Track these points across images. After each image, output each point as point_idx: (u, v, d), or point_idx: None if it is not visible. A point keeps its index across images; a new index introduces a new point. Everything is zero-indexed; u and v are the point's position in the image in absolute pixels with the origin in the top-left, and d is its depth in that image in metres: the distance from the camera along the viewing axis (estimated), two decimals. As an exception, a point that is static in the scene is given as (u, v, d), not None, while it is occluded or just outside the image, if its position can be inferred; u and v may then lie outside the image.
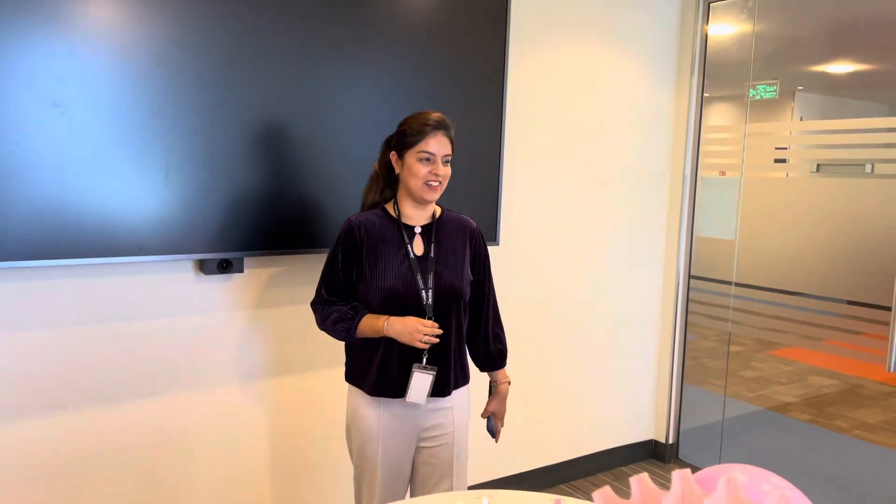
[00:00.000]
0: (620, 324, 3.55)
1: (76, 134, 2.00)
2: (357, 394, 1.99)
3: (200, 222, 2.22)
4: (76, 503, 2.22)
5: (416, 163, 1.89)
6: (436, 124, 1.89)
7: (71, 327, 2.15)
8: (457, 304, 1.98)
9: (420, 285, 1.92)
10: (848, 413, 4.61)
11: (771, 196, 3.31)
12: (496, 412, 2.14)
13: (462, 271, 2.00)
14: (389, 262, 1.92)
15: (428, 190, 1.90)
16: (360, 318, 1.91)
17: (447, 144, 1.92)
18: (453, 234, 2.02)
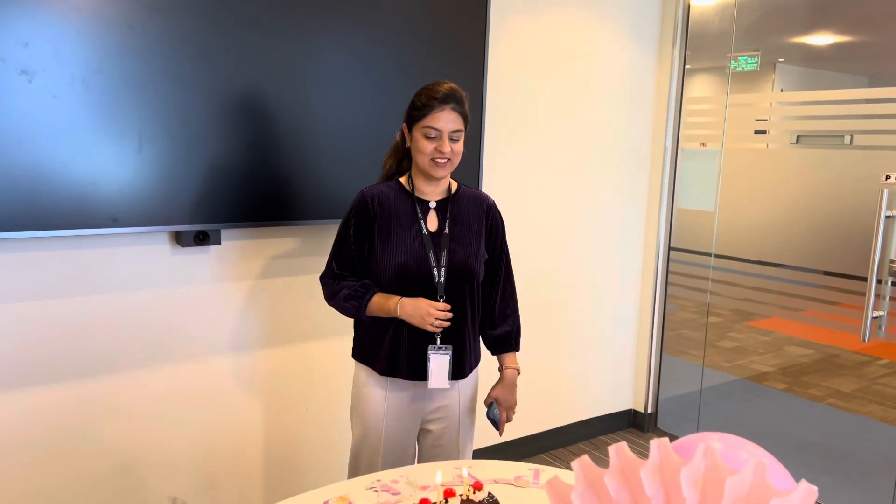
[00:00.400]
0: (600, 295, 3.56)
1: (45, 103, 1.94)
2: (364, 372, 1.94)
3: (176, 194, 2.18)
4: (52, 478, 2.21)
5: (421, 138, 1.81)
6: (444, 97, 1.78)
7: (45, 300, 2.12)
8: (470, 282, 1.91)
9: (432, 262, 1.85)
10: (822, 382, 4.69)
11: (751, 167, 3.32)
12: (500, 400, 2.02)
13: (477, 249, 1.92)
14: (402, 238, 1.85)
15: (434, 167, 1.82)
16: (370, 296, 1.85)
17: (456, 120, 1.81)
18: (469, 211, 1.94)
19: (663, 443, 0.83)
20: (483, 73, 2.77)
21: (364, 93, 2.48)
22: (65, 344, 2.17)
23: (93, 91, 2.01)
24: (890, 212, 2.76)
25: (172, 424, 2.40)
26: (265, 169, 2.32)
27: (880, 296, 2.82)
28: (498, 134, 3.02)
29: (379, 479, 1.62)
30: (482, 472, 1.68)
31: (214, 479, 2.51)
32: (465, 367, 1.93)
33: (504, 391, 2.02)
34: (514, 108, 3.06)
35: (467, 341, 1.92)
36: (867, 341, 2.84)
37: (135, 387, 2.31)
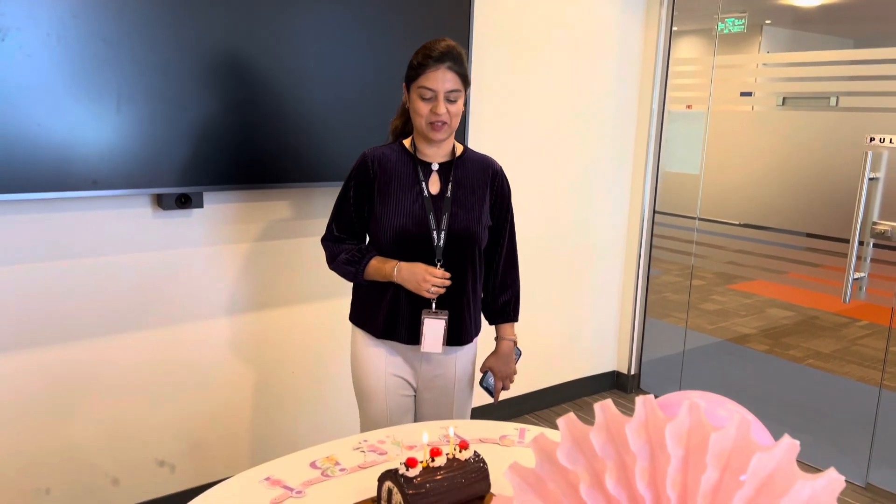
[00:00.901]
0: (585, 258, 3.57)
1: (19, 61, 1.89)
2: (361, 335, 1.92)
3: (157, 155, 2.14)
4: (36, 444, 2.20)
5: (417, 99, 1.75)
6: (439, 56, 1.71)
7: (23, 264, 2.09)
8: (471, 248, 1.86)
9: (432, 225, 1.81)
10: (803, 343, 4.77)
11: (736, 130, 3.32)
12: (494, 370, 2.01)
13: (479, 214, 1.87)
14: (402, 200, 1.81)
15: (431, 129, 1.76)
16: (367, 260, 1.82)
17: (453, 80, 1.73)
18: (474, 175, 1.88)
19: (648, 400, 0.84)
20: (469, 35, 2.72)
21: (350, 54, 2.44)
22: (46, 309, 2.15)
23: (68, 49, 1.95)
24: (873, 173, 2.77)
25: (157, 388, 2.40)
26: (249, 131, 2.29)
27: (861, 257, 2.85)
28: (484, 98, 2.99)
29: (365, 440, 1.63)
30: (468, 432, 1.70)
31: (202, 442, 2.52)
32: (464, 335, 1.90)
33: (499, 361, 2.01)
34: (499, 71, 3.02)
35: (467, 308, 1.89)
36: (847, 302, 2.88)
37: (118, 351, 2.30)
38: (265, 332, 2.59)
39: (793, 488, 0.75)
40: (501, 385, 2.02)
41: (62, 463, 2.25)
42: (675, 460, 0.81)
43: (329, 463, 1.51)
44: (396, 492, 1.29)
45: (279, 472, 1.47)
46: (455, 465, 1.35)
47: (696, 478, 0.80)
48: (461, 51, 1.76)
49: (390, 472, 1.31)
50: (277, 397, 2.67)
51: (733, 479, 0.78)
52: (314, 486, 1.42)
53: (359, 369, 1.94)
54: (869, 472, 3.00)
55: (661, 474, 0.81)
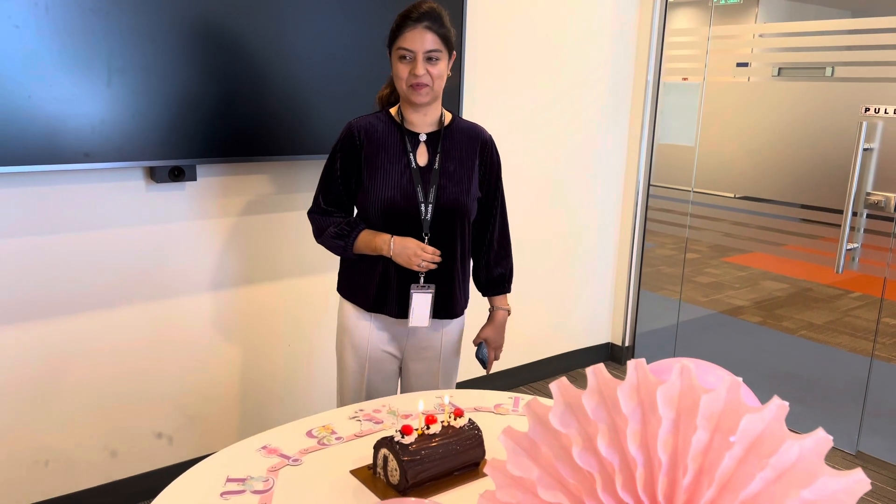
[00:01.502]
0: (580, 231, 3.58)
1: (7, 32, 1.86)
2: (350, 307, 1.90)
3: (149, 128, 2.12)
4: (31, 420, 2.21)
5: (396, 62, 1.71)
6: (417, 16, 1.66)
7: (15, 238, 2.08)
8: (460, 220, 1.83)
9: (420, 198, 1.77)
10: (796, 315, 4.81)
11: (732, 101, 3.31)
12: (489, 340, 2.00)
13: (469, 186, 1.83)
14: (389, 172, 1.77)
15: (412, 92, 1.71)
16: (356, 234, 1.79)
17: (433, 40, 1.67)
18: (463, 145, 1.84)
19: (640, 363, 0.84)
20: (462, 6, 2.69)
21: (342, 23, 2.41)
22: (40, 283, 2.14)
23: (57, 20, 1.93)
24: (868, 144, 2.77)
25: (152, 362, 2.40)
26: (242, 103, 2.27)
27: (855, 228, 2.86)
28: (478, 70, 2.96)
29: (361, 409, 1.64)
30: (463, 401, 1.71)
31: (199, 414, 2.53)
32: (453, 307, 1.89)
33: (494, 332, 1.99)
34: (494, 43, 2.99)
35: (456, 280, 1.87)
36: (840, 273, 2.89)
37: (114, 325, 2.30)
38: (260, 306, 2.60)
39: (781, 448, 0.76)
40: (493, 355, 2.01)
41: (60, 436, 2.27)
42: (666, 422, 0.82)
43: (325, 432, 1.53)
44: (392, 458, 1.30)
45: (276, 441, 1.48)
46: (450, 432, 1.36)
47: (687, 439, 0.81)
48: (442, 12, 1.71)
49: (386, 440, 1.32)
50: (273, 369, 2.68)
51: (723, 440, 0.79)
52: (311, 455, 1.43)
53: (344, 341, 1.92)
54: (860, 441, 3.04)
55: (652, 436, 0.83)
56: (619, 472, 0.84)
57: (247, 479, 1.34)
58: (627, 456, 0.84)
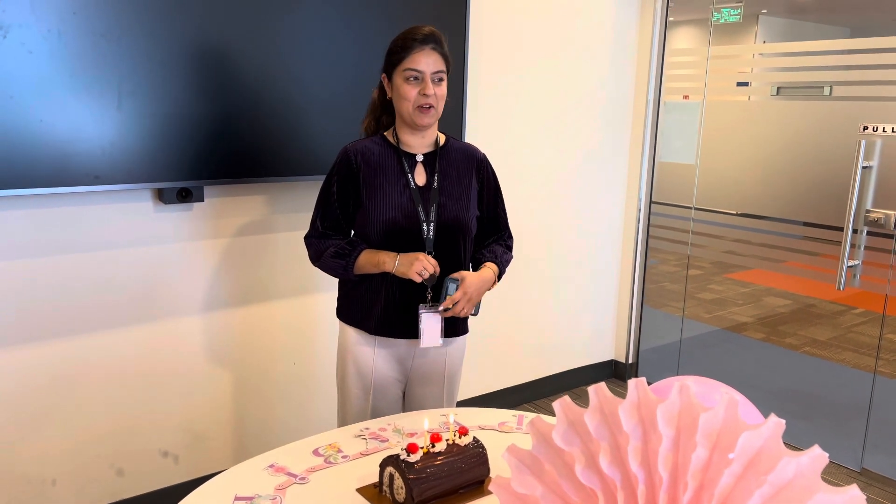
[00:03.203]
0: (583, 248, 3.60)
1: (21, 58, 1.91)
2: (352, 331, 1.88)
3: (158, 150, 2.16)
4: (39, 441, 2.23)
5: (403, 83, 1.72)
6: (423, 38, 1.70)
7: (26, 259, 2.11)
8: (462, 237, 1.84)
9: (422, 217, 1.78)
10: (799, 331, 4.81)
11: (732, 120, 3.34)
12: (466, 282, 1.77)
13: (468, 203, 1.85)
14: (389, 193, 1.77)
15: (419, 114, 1.74)
16: (357, 253, 1.78)
17: (438, 60, 1.72)
18: (459, 164, 1.87)
19: (640, 382, 0.87)
20: (465, 26, 2.74)
21: (346, 47, 2.45)
22: (49, 303, 2.17)
23: (69, 45, 1.97)
24: (867, 162, 2.80)
25: (159, 381, 2.42)
26: (249, 125, 2.31)
27: (855, 245, 2.88)
28: (479, 88, 3.00)
29: (367, 428, 1.66)
30: (468, 420, 1.73)
31: (205, 433, 2.55)
32: (458, 325, 1.90)
33: (475, 278, 1.80)
34: (495, 63, 3.04)
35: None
36: (842, 289, 2.91)
37: (121, 345, 2.32)
38: (267, 324, 2.62)
39: (779, 465, 0.78)
40: (459, 299, 1.77)
41: (67, 454, 2.29)
42: (666, 440, 0.84)
43: (332, 450, 1.55)
44: (398, 476, 1.32)
45: (283, 460, 1.50)
46: (455, 450, 1.38)
47: (687, 456, 0.83)
48: (441, 35, 1.75)
49: (392, 458, 1.34)
50: (279, 389, 2.70)
51: (722, 458, 0.81)
52: (317, 473, 1.45)
53: (347, 368, 1.90)
54: (864, 457, 3.04)
55: (653, 453, 0.85)
56: (621, 489, 0.86)
57: (255, 497, 1.35)
58: (629, 473, 0.86)
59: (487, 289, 1.85)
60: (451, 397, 1.99)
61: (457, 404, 2.08)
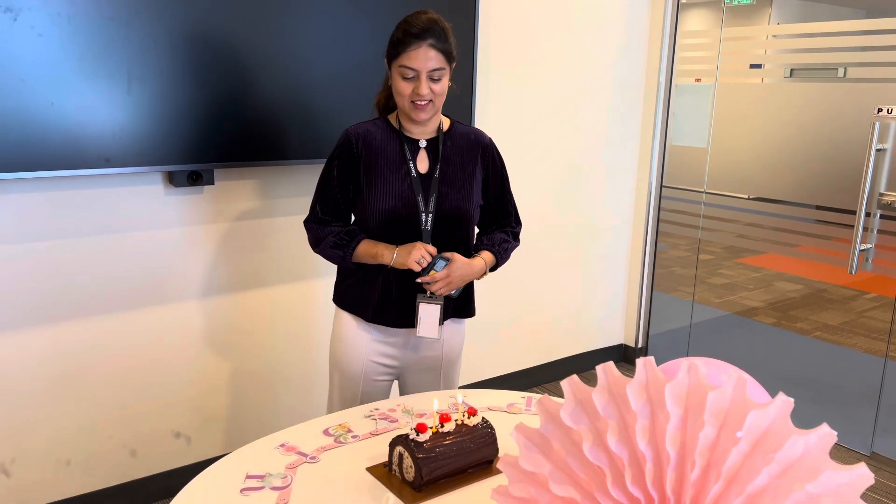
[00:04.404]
0: (593, 233, 3.59)
1: (31, 41, 1.91)
2: (349, 318, 1.85)
3: (168, 133, 2.17)
4: (52, 421, 2.26)
5: (398, 79, 1.67)
6: (420, 32, 1.61)
7: (37, 241, 2.13)
8: (463, 227, 1.80)
9: (421, 207, 1.74)
10: (811, 316, 4.79)
11: (744, 102, 3.31)
12: (455, 264, 1.73)
13: (470, 192, 1.79)
14: (389, 180, 1.73)
15: (414, 110, 1.68)
16: (356, 244, 1.75)
17: (436, 58, 1.64)
18: (463, 151, 1.81)
19: (649, 361, 0.87)
20: (475, 7, 2.72)
21: (356, 28, 2.44)
22: (61, 286, 2.19)
23: (79, 29, 1.97)
24: (881, 144, 2.77)
25: (171, 363, 2.45)
26: (260, 108, 2.31)
27: (868, 229, 2.85)
28: (490, 71, 2.99)
29: (377, 408, 1.67)
30: (476, 401, 1.74)
31: (215, 414, 2.57)
32: (467, 306, 1.87)
33: (464, 263, 1.75)
34: (506, 44, 3.02)
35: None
36: (854, 273, 2.89)
37: (132, 326, 2.34)
38: (277, 307, 2.63)
39: (786, 443, 0.78)
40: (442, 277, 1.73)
41: (81, 435, 2.31)
42: (674, 418, 0.84)
43: (342, 430, 1.56)
44: (407, 456, 1.33)
45: (294, 440, 1.51)
46: (463, 430, 1.39)
47: (695, 435, 0.83)
48: (445, 25, 1.67)
49: (401, 438, 1.35)
50: (290, 370, 2.72)
51: (730, 436, 0.81)
52: (328, 452, 1.46)
53: (340, 352, 1.87)
54: (874, 442, 3.03)
55: (660, 432, 0.85)
56: (628, 467, 0.87)
57: (266, 475, 1.37)
58: (637, 451, 0.86)
59: (475, 277, 1.81)
60: (449, 385, 1.95)
61: (464, 388, 2.07)
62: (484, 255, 1.83)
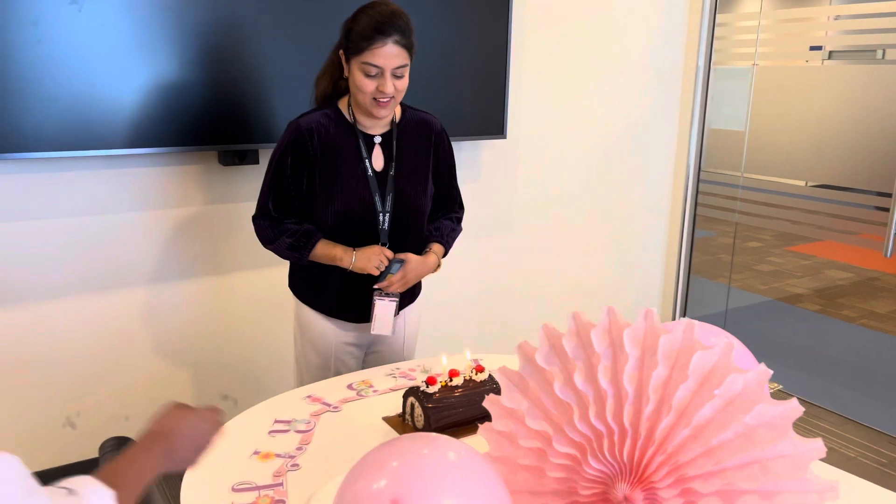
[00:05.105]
0: (630, 216, 3.64)
1: (94, 30, 2.10)
2: (307, 309, 1.86)
3: (216, 115, 2.34)
4: (125, 375, 2.47)
5: (360, 75, 1.60)
6: (385, 29, 1.56)
7: (100, 215, 2.33)
8: (418, 224, 1.81)
9: (378, 208, 1.72)
10: (858, 304, 4.72)
11: (784, 85, 3.30)
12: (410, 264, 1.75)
13: (426, 185, 1.79)
14: (346, 181, 1.69)
15: (376, 106, 1.63)
16: (312, 245, 1.73)
17: (400, 54, 1.59)
18: (416, 141, 1.78)
19: (612, 309, 0.97)
20: (510, -7, 2.80)
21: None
22: (126, 255, 2.39)
23: (137, 17, 2.15)
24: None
25: (225, 329, 2.63)
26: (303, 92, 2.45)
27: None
28: (525, 54, 3.07)
29: (398, 368, 1.80)
30: (489, 364, 1.85)
31: (261, 379, 2.75)
32: (413, 293, 1.92)
33: (419, 263, 1.78)
34: (541, 26, 3.09)
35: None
36: (889, 257, 2.86)
37: (185, 297, 2.53)
38: (318, 280, 2.78)
39: (727, 380, 0.88)
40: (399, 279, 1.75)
41: (139, 393, 2.52)
42: (631, 359, 0.94)
43: (364, 385, 1.70)
44: (418, 406, 1.46)
45: (320, 392, 1.66)
46: (471, 385, 1.51)
47: (649, 374, 0.93)
48: (407, 18, 1.62)
49: (413, 390, 1.48)
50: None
51: (680, 374, 0.91)
52: (349, 403, 1.60)
53: (307, 341, 1.89)
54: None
55: (620, 372, 0.95)
56: (593, 403, 0.97)
57: (292, 421, 1.52)
58: (600, 389, 0.97)
59: (429, 272, 1.84)
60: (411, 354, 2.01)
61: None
62: (435, 248, 1.84)
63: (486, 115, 2.84)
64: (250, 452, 1.39)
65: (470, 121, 2.82)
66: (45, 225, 2.26)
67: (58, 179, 2.25)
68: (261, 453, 1.39)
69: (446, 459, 0.89)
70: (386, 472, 0.87)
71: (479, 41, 2.76)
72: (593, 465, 0.96)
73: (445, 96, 2.72)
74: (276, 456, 1.38)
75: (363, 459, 0.93)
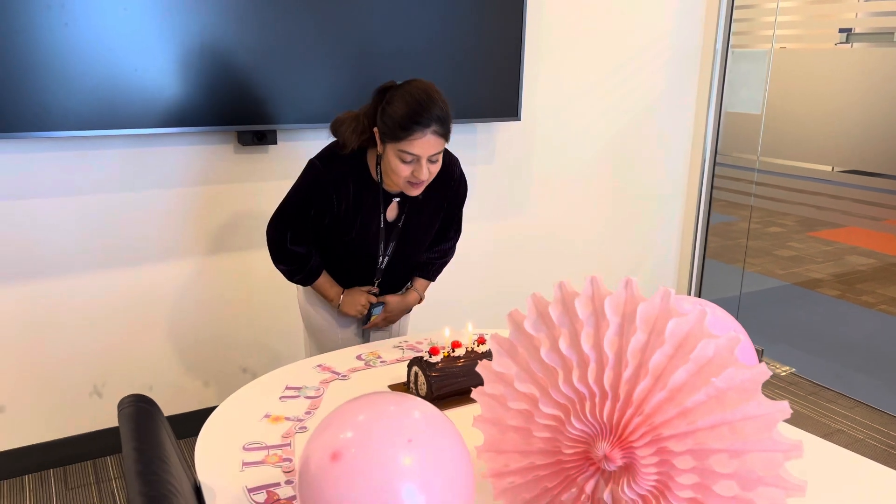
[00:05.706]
0: (645, 198, 3.66)
1: (118, 15, 2.18)
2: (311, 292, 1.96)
3: (237, 96, 2.41)
4: (146, 348, 2.58)
5: (396, 160, 1.62)
6: (426, 121, 1.56)
7: (123, 192, 2.42)
8: (413, 262, 1.95)
9: (380, 251, 1.85)
10: (878, 289, 4.69)
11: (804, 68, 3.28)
12: (390, 306, 1.95)
13: (432, 232, 1.91)
14: (360, 230, 1.79)
15: (410, 188, 1.67)
16: (312, 280, 1.87)
17: (437, 143, 1.60)
18: (433, 191, 1.81)
19: (595, 279, 1.02)
20: (525, -24, 2.82)
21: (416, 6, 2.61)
22: (149, 231, 2.49)
23: (158, 2, 2.23)
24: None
25: (242, 305, 2.72)
26: (321, 74, 2.52)
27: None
28: (541, 37, 3.09)
29: (406, 340, 1.87)
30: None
31: (279, 353, 2.85)
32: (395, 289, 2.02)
33: (399, 303, 1.96)
34: (556, 10, 3.11)
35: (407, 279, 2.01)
36: (902, 241, 2.85)
37: (205, 273, 2.62)
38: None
39: (699, 345, 0.93)
40: (381, 318, 1.97)
41: (163, 367, 2.63)
42: (612, 326, 0.99)
43: (372, 356, 1.77)
44: (421, 374, 1.52)
45: (330, 361, 1.73)
46: (472, 355, 1.57)
47: (628, 340, 0.98)
48: (444, 100, 1.61)
49: (417, 359, 1.54)
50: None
51: (657, 339, 0.96)
52: (357, 373, 1.67)
53: (311, 309, 1.98)
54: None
55: (601, 338, 1.00)
56: (576, 367, 1.03)
57: (302, 387, 1.59)
58: (583, 354, 1.02)
59: (410, 307, 2.02)
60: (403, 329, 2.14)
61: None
62: (417, 285, 2.00)
63: (501, 97, 2.88)
64: (262, 416, 1.47)
65: (484, 102, 2.86)
66: (71, 201, 2.36)
67: (85, 157, 2.34)
68: (271, 416, 1.47)
69: (410, 416, 0.97)
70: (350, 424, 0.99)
71: (494, 22, 2.80)
72: (576, 425, 1.02)
73: (460, 77, 2.77)
74: (286, 419, 1.46)
75: (336, 411, 1.04)
